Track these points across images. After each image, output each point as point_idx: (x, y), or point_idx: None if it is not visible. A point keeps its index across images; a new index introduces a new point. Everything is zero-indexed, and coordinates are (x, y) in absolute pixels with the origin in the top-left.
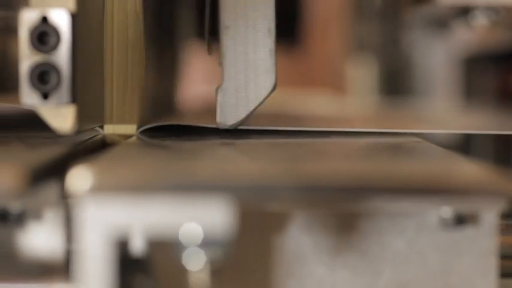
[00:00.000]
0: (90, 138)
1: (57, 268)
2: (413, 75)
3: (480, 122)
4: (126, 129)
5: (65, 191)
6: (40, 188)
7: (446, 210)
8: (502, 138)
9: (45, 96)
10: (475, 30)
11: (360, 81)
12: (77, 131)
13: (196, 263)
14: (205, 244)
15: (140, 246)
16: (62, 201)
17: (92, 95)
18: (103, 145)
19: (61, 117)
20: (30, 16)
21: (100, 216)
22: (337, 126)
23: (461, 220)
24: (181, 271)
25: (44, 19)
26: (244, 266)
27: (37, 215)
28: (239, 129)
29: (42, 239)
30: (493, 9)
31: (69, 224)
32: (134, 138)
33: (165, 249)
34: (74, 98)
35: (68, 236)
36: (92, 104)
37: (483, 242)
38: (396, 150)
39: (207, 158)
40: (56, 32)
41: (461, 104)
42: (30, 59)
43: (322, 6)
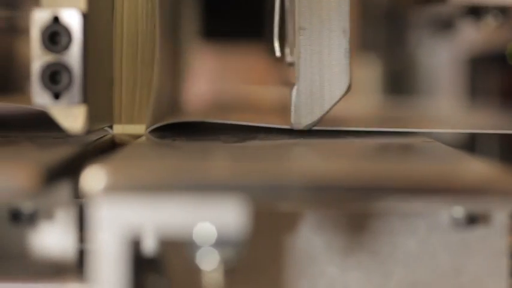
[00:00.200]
0: (100, 138)
1: (69, 268)
2: (418, 75)
3: (485, 122)
4: (135, 129)
5: (76, 191)
6: (53, 188)
7: (458, 210)
8: (507, 138)
9: (56, 96)
10: (482, 30)
11: (365, 80)
12: (87, 131)
13: (210, 262)
14: (219, 244)
15: (154, 245)
16: (74, 200)
17: (102, 94)
18: (112, 145)
19: (72, 117)
20: (42, 16)
21: (114, 215)
22: (343, 125)
23: (472, 220)
24: (195, 271)
25: (56, 19)
26: (256, 266)
27: (49, 215)
28: (245, 129)
29: (54, 238)
30: (501, 10)
31: (81, 224)
32: (144, 138)
33: (179, 249)
34: (85, 98)
35: (80, 236)
36: (102, 104)
37: (494, 242)
38: (407, 150)
39: (220, 158)
40: (68, 32)
41: (466, 104)
42: (41, 59)
43: None
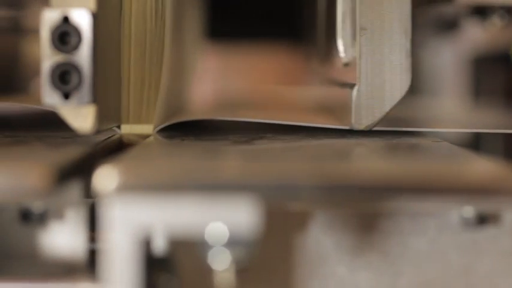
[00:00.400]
0: (108, 138)
1: (79, 268)
2: (422, 75)
3: (490, 121)
4: (143, 129)
5: (87, 191)
6: (63, 188)
7: (468, 210)
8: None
9: (66, 96)
10: (487, 30)
11: None
12: (96, 131)
13: (221, 262)
14: (231, 244)
15: (166, 245)
16: (84, 200)
17: (110, 94)
18: (120, 145)
19: (81, 117)
20: (52, 16)
21: (127, 215)
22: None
23: (482, 220)
24: (206, 271)
25: (65, 19)
26: (266, 266)
27: (59, 215)
28: (252, 129)
29: (64, 238)
30: (508, 10)
31: (91, 224)
32: (153, 138)
33: (191, 248)
34: (94, 98)
35: (90, 236)
36: (110, 104)
37: (505, 241)
38: (416, 150)
39: (230, 158)
40: (77, 32)
41: (471, 103)
42: (51, 59)
43: None
